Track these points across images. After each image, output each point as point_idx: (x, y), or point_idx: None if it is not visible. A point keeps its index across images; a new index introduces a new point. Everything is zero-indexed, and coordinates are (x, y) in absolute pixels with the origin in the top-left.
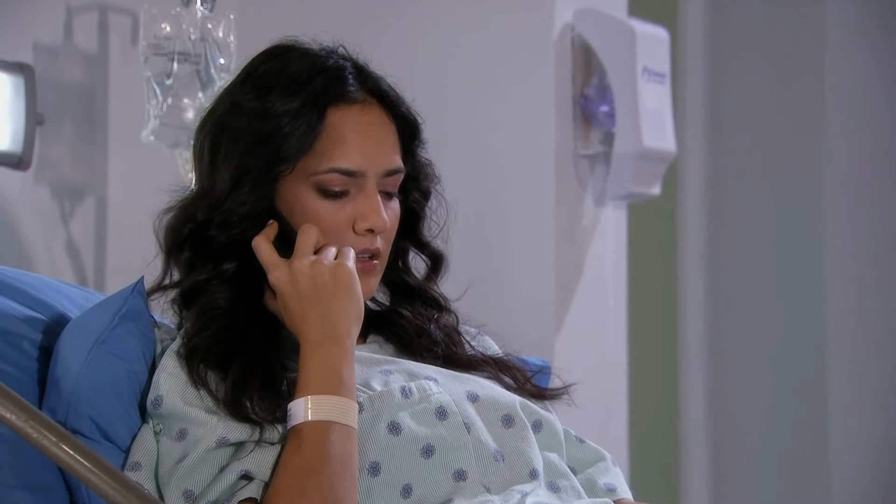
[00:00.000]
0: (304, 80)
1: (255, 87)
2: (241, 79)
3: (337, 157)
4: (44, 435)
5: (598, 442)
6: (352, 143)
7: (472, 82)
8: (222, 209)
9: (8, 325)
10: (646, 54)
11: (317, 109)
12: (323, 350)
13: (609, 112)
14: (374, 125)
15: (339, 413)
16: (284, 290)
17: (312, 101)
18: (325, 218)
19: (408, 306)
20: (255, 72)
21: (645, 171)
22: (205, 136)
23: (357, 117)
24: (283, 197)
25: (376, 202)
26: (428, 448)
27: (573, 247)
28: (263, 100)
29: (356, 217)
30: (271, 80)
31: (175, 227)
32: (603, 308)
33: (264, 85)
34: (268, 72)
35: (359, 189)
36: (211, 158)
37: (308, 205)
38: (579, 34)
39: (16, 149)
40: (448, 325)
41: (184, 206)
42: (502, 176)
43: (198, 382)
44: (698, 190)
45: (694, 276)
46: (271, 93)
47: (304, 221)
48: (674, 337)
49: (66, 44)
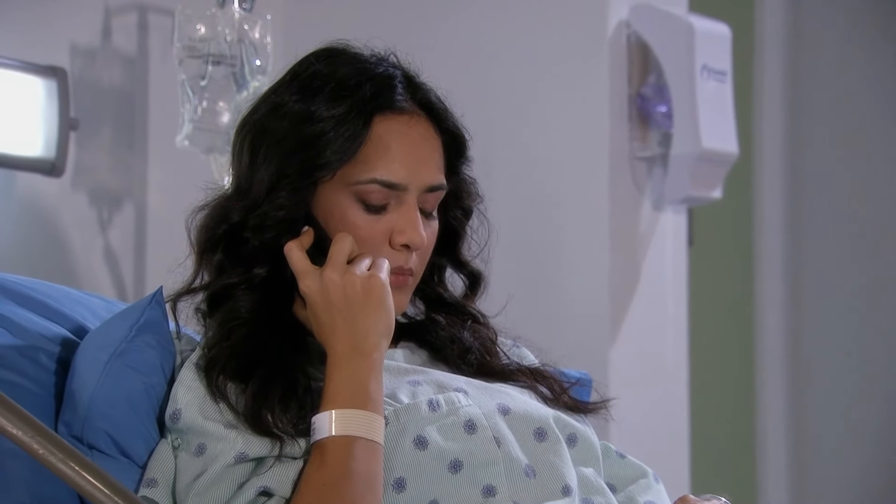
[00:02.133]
0: (353, 85)
1: (300, 89)
2: (288, 80)
3: (379, 168)
4: (50, 451)
5: (657, 460)
6: (396, 155)
7: (524, 83)
8: (258, 212)
9: (24, 338)
10: (705, 51)
11: (363, 117)
12: (350, 363)
13: (667, 112)
14: (420, 138)
15: (364, 428)
16: (314, 299)
17: (359, 108)
18: (362, 228)
19: (442, 314)
20: (303, 73)
21: (705, 174)
22: (245, 136)
23: (403, 128)
24: (320, 204)
25: (415, 217)
26: (456, 463)
27: (629, 253)
28: (309, 102)
29: (393, 231)
30: (318, 83)
31: (209, 227)
32: (661, 318)
33: (311, 87)
34: (315, 74)
35: (398, 202)
36: (250, 159)
37: (346, 214)
38: (635, 31)
39: (49, 155)
40: (483, 335)
41: (219, 206)
42: (555, 180)
43: (217, 395)
44: (776, 193)
45: (772, 283)
46: (317, 96)
47: (340, 230)
48: (749, 348)
49: (103, 45)
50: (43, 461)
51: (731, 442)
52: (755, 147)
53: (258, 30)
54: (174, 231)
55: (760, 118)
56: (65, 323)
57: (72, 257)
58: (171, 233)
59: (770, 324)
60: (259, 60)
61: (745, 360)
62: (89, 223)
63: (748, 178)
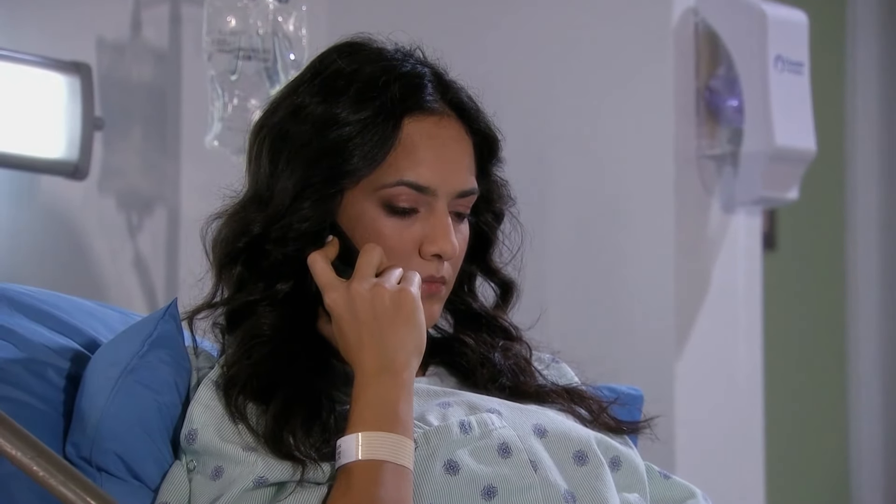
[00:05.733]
0: (380, 85)
1: (323, 88)
2: (308, 77)
3: (407, 170)
4: (51, 474)
5: (730, 484)
6: (425, 158)
7: (583, 77)
8: (281, 223)
9: (32, 353)
10: (779, 41)
11: (392, 120)
12: (378, 382)
13: (737, 107)
14: (450, 140)
15: (392, 452)
16: (340, 313)
17: (388, 111)
18: (390, 237)
19: (471, 334)
20: (325, 71)
21: (779, 173)
22: (263, 140)
23: (433, 130)
24: (346, 212)
25: (447, 224)
26: (489, 490)
27: (697, 259)
28: (333, 104)
29: (423, 239)
30: (342, 82)
31: (228, 240)
32: (732, 330)
33: (335, 88)
34: (339, 72)
35: (428, 209)
36: (271, 166)
37: (373, 221)
38: (703, 19)
39: (71, 156)
40: (516, 354)
41: (238, 216)
42: (617, 180)
43: (236, 416)
44: (871, 193)
45: (867, 292)
46: (342, 97)
47: (367, 240)
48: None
49: (133, 40)
50: (43, 484)
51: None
52: (847, 144)
53: (293, 21)
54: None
55: (854, 113)
56: (76, 336)
57: (98, 266)
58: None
59: (864, 336)
60: (294, 54)
61: (836, 381)
62: (117, 229)
63: (839, 178)
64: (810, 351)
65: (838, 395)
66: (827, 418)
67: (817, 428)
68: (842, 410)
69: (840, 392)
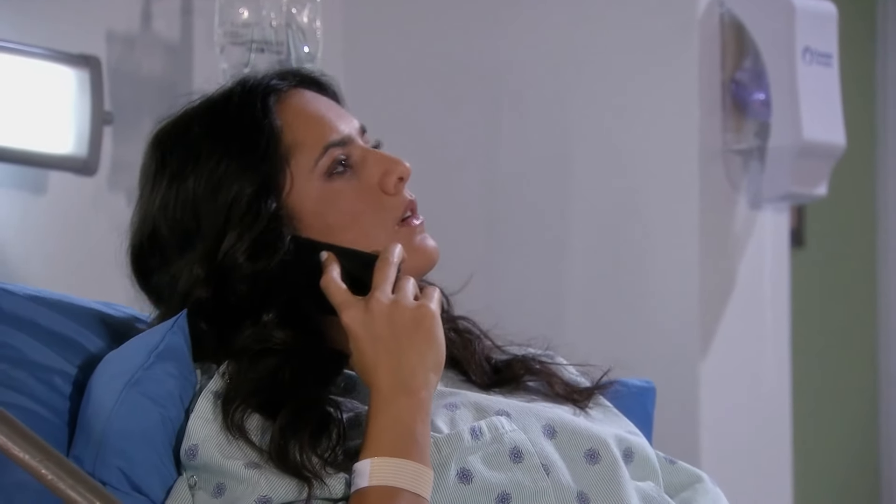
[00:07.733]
0: (233, 113)
1: (182, 165)
2: (155, 176)
3: (318, 137)
4: (60, 477)
5: (756, 487)
6: (317, 119)
7: (605, 69)
8: (228, 264)
9: (37, 357)
10: (808, 32)
11: (263, 126)
12: (394, 403)
13: (764, 100)
14: (318, 99)
15: (408, 480)
16: (358, 332)
17: (255, 113)
18: (353, 195)
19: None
20: (168, 156)
21: (807, 168)
22: (175, 226)
23: (300, 98)
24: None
25: (382, 153)
26: (504, 497)
27: (723, 256)
28: (202, 169)
29: (379, 177)
30: (194, 144)
31: (184, 294)
32: (759, 328)
33: (190, 158)
34: (184, 146)
35: (358, 157)
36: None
37: (333, 195)
38: (729, 10)
39: (80, 152)
40: (472, 332)
41: (177, 261)
42: (639, 175)
43: (234, 431)
44: None
45: None
46: (201, 154)
47: (337, 220)
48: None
49: (143, 32)
50: (51, 487)
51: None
52: (878, 138)
53: (307, 13)
54: None
55: (884, 106)
56: (85, 341)
57: (108, 263)
58: None
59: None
60: (308, 47)
61: (865, 382)
62: (127, 225)
63: (869, 173)
64: (839, 351)
65: (868, 397)
66: (856, 420)
67: (846, 430)
68: (872, 413)
69: (870, 394)
